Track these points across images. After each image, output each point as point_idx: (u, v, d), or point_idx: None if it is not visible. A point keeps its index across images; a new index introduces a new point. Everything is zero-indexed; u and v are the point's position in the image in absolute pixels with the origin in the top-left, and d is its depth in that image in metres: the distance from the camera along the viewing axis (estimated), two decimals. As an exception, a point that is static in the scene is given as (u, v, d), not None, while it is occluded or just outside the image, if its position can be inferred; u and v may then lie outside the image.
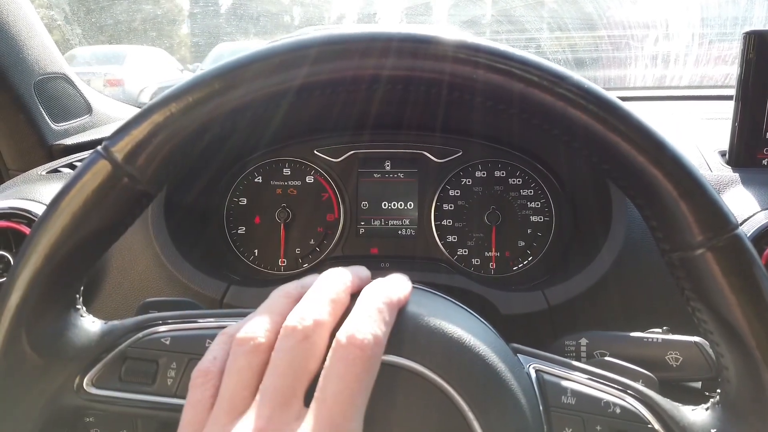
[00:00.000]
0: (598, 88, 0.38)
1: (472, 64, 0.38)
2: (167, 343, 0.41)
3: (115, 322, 0.43)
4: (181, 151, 0.40)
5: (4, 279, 0.67)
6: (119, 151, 0.39)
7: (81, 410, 0.41)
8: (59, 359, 0.40)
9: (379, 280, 0.37)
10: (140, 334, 0.42)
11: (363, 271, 0.39)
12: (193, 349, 0.40)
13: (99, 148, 0.39)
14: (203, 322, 0.42)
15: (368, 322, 0.32)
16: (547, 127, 0.39)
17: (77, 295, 0.43)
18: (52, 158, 0.92)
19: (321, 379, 0.30)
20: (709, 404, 0.40)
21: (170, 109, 0.39)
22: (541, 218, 0.84)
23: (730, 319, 0.36)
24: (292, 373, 0.30)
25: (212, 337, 0.38)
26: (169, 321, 0.42)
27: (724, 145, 0.81)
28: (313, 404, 0.29)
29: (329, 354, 0.31)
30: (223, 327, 0.38)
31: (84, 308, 0.44)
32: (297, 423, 0.29)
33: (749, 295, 0.36)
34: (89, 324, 0.43)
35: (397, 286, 0.37)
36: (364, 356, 0.30)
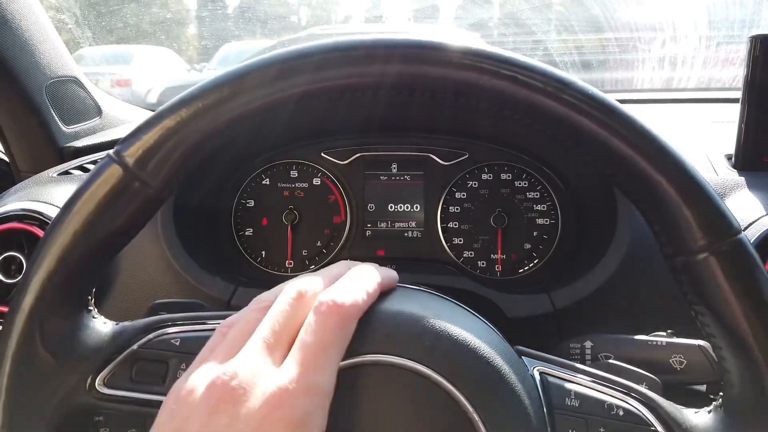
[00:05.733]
0: (602, 94, 0.39)
1: (477, 70, 0.39)
2: (177, 344, 0.42)
3: (126, 324, 0.44)
4: (192, 155, 0.41)
5: (18, 280, 0.68)
6: (131, 155, 0.39)
7: (93, 409, 0.42)
8: (72, 359, 0.41)
9: (372, 264, 0.41)
10: (150, 336, 0.42)
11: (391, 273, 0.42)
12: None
13: (111, 152, 0.40)
14: (212, 324, 0.43)
15: (349, 288, 0.36)
16: (551, 132, 0.40)
17: (89, 297, 0.44)
18: (62, 160, 0.93)
19: (301, 330, 0.34)
20: (711, 407, 0.40)
21: (180, 114, 0.40)
22: (547, 221, 0.85)
23: (733, 323, 0.36)
24: (279, 325, 0.34)
25: None
26: (179, 322, 0.43)
27: (732, 148, 0.81)
28: (291, 351, 0.33)
29: (311, 310, 0.35)
30: None
31: (96, 309, 0.45)
32: (275, 366, 0.33)
33: (752, 300, 0.36)
34: (101, 325, 0.43)
35: (387, 271, 0.41)
36: (340, 313, 0.34)
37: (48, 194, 0.77)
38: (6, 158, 0.98)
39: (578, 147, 0.39)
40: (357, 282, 0.38)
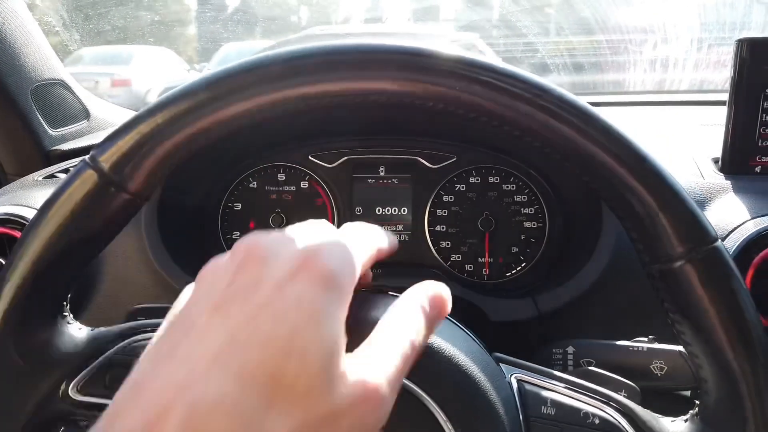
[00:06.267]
0: (581, 101, 0.39)
1: (454, 77, 0.39)
2: None
3: (101, 330, 0.44)
4: (168, 160, 0.41)
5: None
6: (106, 160, 0.39)
7: (67, 416, 0.41)
8: (46, 366, 0.41)
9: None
10: (126, 342, 0.42)
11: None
12: None
13: (86, 157, 0.40)
14: None
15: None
16: (529, 138, 0.40)
17: (64, 303, 0.44)
18: (49, 163, 0.92)
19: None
20: (688, 416, 0.40)
21: (156, 120, 0.39)
22: (534, 224, 0.85)
23: (708, 331, 0.36)
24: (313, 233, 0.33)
25: None
26: (155, 328, 0.43)
27: (719, 151, 0.81)
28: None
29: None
30: None
31: (71, 315, 0.44)
32: (306, 234, 0.31)
33: (727, 308, 0.36)
34: (76, 331, 0.43)
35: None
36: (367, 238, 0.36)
37: (32, 198, 0.77)
38: (-7, 161, 0.98)
39: (556, 154, 0.39)
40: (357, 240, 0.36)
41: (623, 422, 0.38)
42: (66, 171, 0.86)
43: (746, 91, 0.75)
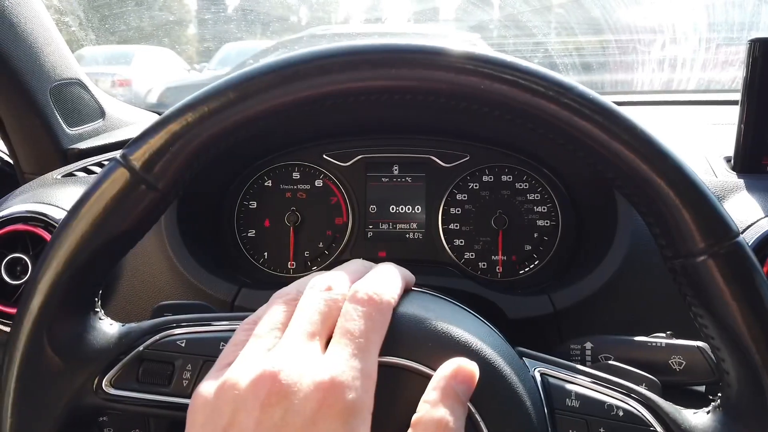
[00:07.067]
0: (602, 98, 0.39)
1: (478, 74, 0.39)
2: (182, 345, 0.42)
3: (132, 325, 0.44)
4: (197, 159, 0.41)
5: (25, 281, 0.69)
6: (137, 159, 0.40)
7: (100, 410, 0.42)
8: (79, 361, 0.42)
9: (392, 264, 0.42)
10: (156, 337, 0.43)
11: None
12: (207, 351, 0.41)
13: (117, 156, 0.41)
14: (217, 325, 0.43)
15: (381, 281, 0.38)
16: (552, 136, 0.40)
17: (96, 299, 0.44)
18: (66, 162, 0.93)
19: (340, 319, 0.35)
20: (710, 408, 0.40)
21: (187, 118, 0.40)
22: (547, 222, 0.85)
23: (731, 325, 0.37)
24: (316, 314, 0.35)
25: (226, 339, 0.39)
26: (184, 324, 0.44)
27: (731, 150, 0.81)
28: (333, 339, 0.34)
29: (347, 300, 0.36)
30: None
31: (102, 311, 0.45)
32: (319, 354, 0.33)
33: (750, 302, 0.37)
34: (107, 326, 0.44)
35: (406, 271, 0.43)
36: (378, 302, 0.36)
37: (53, 196, 0.78)
38: (10, 160, 0.99)
39: (579, 151, 0.40)
40: (386, 276, 0.39)
41: (647, 414, 0.39)
42: (85, 169, 0.87)
43: (758, 90, 0.76)
